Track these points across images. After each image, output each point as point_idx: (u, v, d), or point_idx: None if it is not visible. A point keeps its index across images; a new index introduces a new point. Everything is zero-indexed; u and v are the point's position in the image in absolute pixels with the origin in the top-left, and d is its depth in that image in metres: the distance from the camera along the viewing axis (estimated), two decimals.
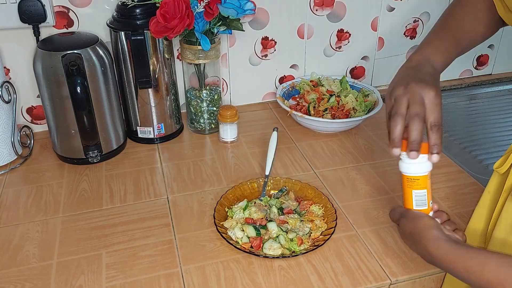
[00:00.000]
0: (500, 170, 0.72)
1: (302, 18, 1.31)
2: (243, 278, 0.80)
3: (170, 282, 0.80)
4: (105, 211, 0.96)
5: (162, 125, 1.18)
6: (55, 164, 1.11)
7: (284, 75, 1.38)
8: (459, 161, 1.12)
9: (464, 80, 1.57)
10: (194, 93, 1.19)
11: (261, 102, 1.39)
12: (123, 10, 1.06)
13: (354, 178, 1.05)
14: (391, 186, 1.03)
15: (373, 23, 1.37)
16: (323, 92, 1.30)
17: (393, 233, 0.89)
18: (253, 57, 1.32)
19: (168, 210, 0.96)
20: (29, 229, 0.92)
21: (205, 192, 1.01)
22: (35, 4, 1.05)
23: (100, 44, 1.05)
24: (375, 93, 1.29)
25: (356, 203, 0.98)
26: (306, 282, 0.79)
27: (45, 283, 0.80)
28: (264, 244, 0.84)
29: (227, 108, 1.16)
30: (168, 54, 1.13)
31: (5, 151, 1.09)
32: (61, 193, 1.02)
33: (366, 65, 1.44)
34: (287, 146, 1.18)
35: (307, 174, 1.06)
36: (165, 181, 1.05)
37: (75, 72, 0.99)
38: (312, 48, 1.36)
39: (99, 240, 0.89)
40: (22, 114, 1.21)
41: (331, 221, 0.90)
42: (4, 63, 1.13)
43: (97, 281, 0.80)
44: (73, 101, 1.02)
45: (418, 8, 1.39)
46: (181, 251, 0.86)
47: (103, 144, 1.10)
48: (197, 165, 1.10)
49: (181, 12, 0.98)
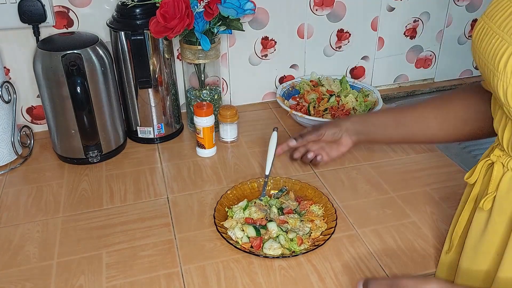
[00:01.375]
0: (470, 181, 0.73)
1: (302, 18, 1.31)
2: (243, 278, 0.80)
3: (170, 282, 0.80)
4: (105, 211, 0.96)
5: (162, 125, 1.18)
6: (55, 164, 1.11)
7: (284, 75, 1.38)
8: (459, 161, 1.12)
9: (464, 80, 1.57)
10: (194, 93, 1.19)
11: (261, 102, 1.39)
12: (123, 10, 1.06)
13: (354, 178, 1.05)
14: (391, 186, 1.03)
15: (373, 23, 1.37)
16: (323, 92, 1.30)
17: (393, 233, 0.90)
18: (253, 57, 1.32)
19: (168, 210, 0.96)
20: (29, 229, 0.92)
21: (205, 192, 1.01)
22: (35, 4, 1.05)
23: (100, 44, 1.05)
24: (375, 93, 1.29)
25: (356, 203, 0.98)
26: (306, 282, 0.79)
27: (45, 283, 0.80)
28: (264, 244, 0.84)
29: (227, 108, 1.16)
30: (168, 54, 1.13)
31: (5, 151, 1.09)
32: (61, 193, 1.02)
33: (366, 65, 1.44)
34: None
35: (307, 174, 1.06)
36: (165, 181, 1.05)
37: (75, 72, 0.99)
38: (312, 48, 1.36)
39: (99, 240, 0.89)
40: (22, 114, 1.21)
41: (331, 221, 0.90)
42: (4, 63, 1.13)
43: (97, 281, 0.80)
44: (73, 101, 1.02)
45: (418, 8, 1.39)
46: (181, 251, 0.86)
47: (103, 144, 1.10)
48: (197, 165, 1.10)
49: (181, 12, 0.98)
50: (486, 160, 0.70)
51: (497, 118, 0.67)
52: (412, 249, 0.86)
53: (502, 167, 0.66)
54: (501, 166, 0.66)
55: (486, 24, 0.62)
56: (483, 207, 0.68)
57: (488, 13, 0.63)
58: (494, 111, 0.69)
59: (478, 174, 0.71)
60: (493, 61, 0.59)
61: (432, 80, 1.55)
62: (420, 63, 1.50)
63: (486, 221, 0.69)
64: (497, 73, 0.58)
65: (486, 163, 0.70)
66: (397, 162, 1.11)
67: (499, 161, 0.67)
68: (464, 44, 1.51)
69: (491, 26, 0.61)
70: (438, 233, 0.89)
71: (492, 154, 0.68)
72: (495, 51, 0.59)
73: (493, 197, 0.67)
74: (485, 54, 0.61)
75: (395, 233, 0.89)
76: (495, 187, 0.67)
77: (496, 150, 0.68)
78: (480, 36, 0.63)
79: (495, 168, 0.67)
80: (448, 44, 1.49)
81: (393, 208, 0.96)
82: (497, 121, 0.67)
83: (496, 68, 0.58)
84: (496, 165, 0.67)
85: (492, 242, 0.67)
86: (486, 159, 0.70)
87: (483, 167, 0.71)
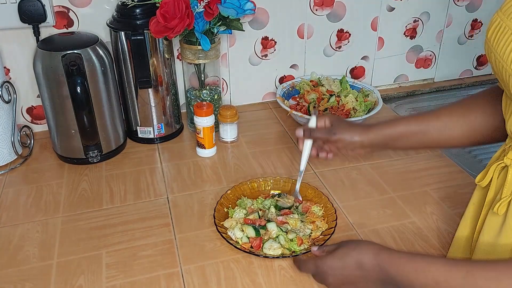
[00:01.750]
0: (482, 184, 0.71)
1: (302, 18, 1.31)
2: (243, 278, 0.80)
3: (170, 282, 0.79)
4: (105, 211, 0.96)
5: (162, 125, 1.18)
6: (55, 164, 1.11)
7: (284, 75, 1.38)
8: (459, 161, 1.12)
9: (464, 80, 1.57)
10: (194, 93, 1.19)
11: (261, 102, 1.39)
12: (123, 10, 1.06)
13: (354, 178, 1.05)
14: (391, 186, 1.03)
15: (373, 23, 1.37)
16: (323, 92, 1.30)
17: (393, 233, 0.89)
18: (253, 57, 1.32)
19: (168, 210, 0.96)
20: (29, 229, 0.92)
21: (205, 192, 1.01)
22: (35, 4, 1.05)
23: (100, 44, 1.05)
24: (375, 93, 1.29)
25: (356, 203, 0.98)
26: (306, 282, 0.79)
27: (45, 283, 0.80)
28: (264, 244, 0.84)
29: (227, 108, 1.16)
30: (168, 54, 1.13)
31: (5, 151, 1.09)
32: (61, 193, 1.01)
33: (366, 65, 1.44)
34: (287, 146, 1.18)
35: (307, 174, 1.06)
36: (165, 181, 1.05)
37: (75, 72, 0.99)
38: (312, 48, 1.36)
39: (99, 240, 0.88)
40: (22, 114, 1.21)
41: (331, 221, 0.89)
42: (4, 63, 1.13)
43: (97, 281, 0.80)
44: (73, 101, 1.02)
45: (418, 8, 1.39)
46: (181, 251, 0.86)
47: (103, 144, 1.10)
48: (197, 165, 1.10)
49: (181, 12, 0.98)
50: (499, 163, 0.67)
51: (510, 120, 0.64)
52: (412, 249, 0.86)
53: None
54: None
55: (503, 22, 0.57)
56: (498, 212, 0.65)
57: (505, 10, 0.58)
58: (506, 112, 0.65)
59: (491, 177, 0.69)
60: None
61: (432, 80, 1.55)
62: (420, 63, 1.50)
63: (500, 226, 0.66)
64: None
65: (499, 166, 0.67)
66: (397, 162, 1.11)
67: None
68: (464, 44, 1.50)
69: (509, 24, 0.56)
70: (438, 233, 0.89)
71: (506, 157, 0.66)
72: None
73: (508, 201, 0.64)
74: (503, 55, 0.57)
75: (395, 233, 0.89)
76: (510, 191, 0.64)
77: (510, 153, 0.65)
78: (496, 36, 0.58)
79: (510, 171, 0.65)
80: (448, 44, 1.49)
81: (393, 208, 0.96)
82: (511, 124, 0.63)
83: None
84: (510, 168, 0.65)
85: (506, 248, 0.65)
86: (499, 162, 0.67)
87: (496, 170, 0.68)
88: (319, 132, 0.90)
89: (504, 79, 0.58)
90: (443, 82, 1.54)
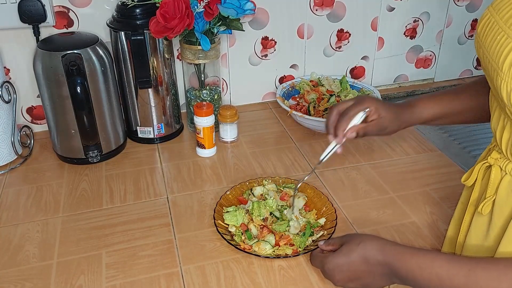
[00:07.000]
0: (467, 184, 0.72)
1: (302, 18, 1.31)
2: (243, 278, 0.80)
3: (170, 282, 0.80)
4: (105, 211, 0.96)
5: (162, 125, 1.18)
6: (55, 164, 1.11)
7: (284, 75, 1.38)
8: (459, 161, 1.12)
9: (464, 80, 1.57)
10: (194, 93, 1.19)
11: (261, 102, 1.40)
12: (123, 10, 1.06)
13: (354, 178, 1.05)
14: (391, 186, 1.03)
15: (373, 23, 1.37)
16: (323, 92, 1.30)
17: (393, 233, 0.90)
18: (253, 57, 1.32)
19: (168, 210, 0.96)
20: (29, 229, 0.92)
21: (205, 192, 1.01)
22: (35, 4, 1.05)
23: (100, 44, 1.05)
24: (375, 93, 1.29)
25: (356, 203, 0.98)
26: (306, 282, 0.79)
27: (45, 283, 0.80)
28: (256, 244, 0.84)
29: (227, 108, 1.16)
30: (168, 54, 1.13)
31: (5, 151, 1.09)
32: (61, 193, 1.02)
33: (366, 65, 1.44)
34: (287, 146, 1.18)
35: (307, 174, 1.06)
36: (165, 181, 1.05)
37: (75, 72, 0.99)
38: (312, 48, 1.36)
39: (99, 240, 0.89)
40: (22, 114, 1.21)
41: (331, 221, 0.90)
42: (4, 63, 1.13)
43: (97, 281, 0.80)
44: (73, 101, 1.02)
45: (418, 8, 1.39)
46: (181, 251, 0.86)
47: (103, 144, 1.10)
48: (197, 165, 1.10)
49: (181, 12, 0.98)
50: (483, 163, 0.68)
51: (494, 117, 0.64)
52: None
53: (500, 171, 0.64)
54: (499, 170, 0.65)
55: (493, 17, 0.58)
56: (482, 212, 0.66)
57: (495, 5, 0.59)
58: (491, 109, 0.66)
59: (476, 176, 0.70)
60: (497, 59, 0.55)
61: (432, 80, 1.55)
62: (420, 63, 1.50)
63: (486, 225, 0.67)
64: (501, 73, 0.55)
65: (483, 166, 0.68)
66: (397, 162, 1.11)
67: (497, 164, 0.65)
68: (464, 44, 1.51)
69: (497, 20, 0.57)
70: (438, 233, 0.89)
71: (490, 156, 0.66)
72: (500, 48, 0.55)
73: (492, 201, 0.65)
74: (489, 50, 0.57)
75: (395, 233, 0.89)
76: (493, 191, 0.65)
77: (494, 152, 0.66)
78: (485, 30, 0.59)
79: (493, 171, 0.65)
80: (448, 44, 1.49)
81: (393, 208, 0.96)
82: (495, 121, 0.64)
83: (500, 68, 0.55)
84: (494, 168, 0.65)
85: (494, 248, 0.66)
86: (483, 162, 0.68)
87: (481, 170, 0.69)
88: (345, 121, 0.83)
89: (490, 74, 0.58)
90: (443, 82, 1.54)
